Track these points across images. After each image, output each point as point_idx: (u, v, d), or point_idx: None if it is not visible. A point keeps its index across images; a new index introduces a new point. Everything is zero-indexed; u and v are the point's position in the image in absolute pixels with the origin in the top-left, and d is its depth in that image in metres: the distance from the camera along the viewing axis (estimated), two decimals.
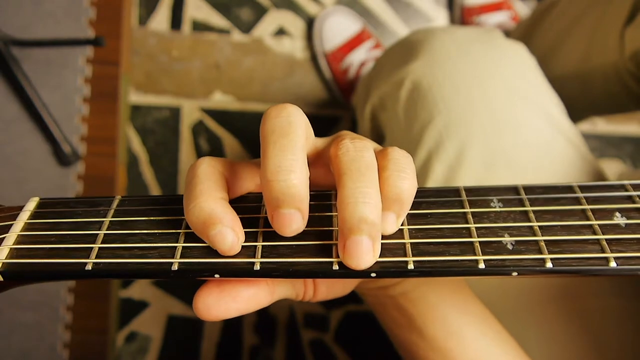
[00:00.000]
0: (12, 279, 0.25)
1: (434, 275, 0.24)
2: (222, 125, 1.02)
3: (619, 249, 0.23)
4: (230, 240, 0.23)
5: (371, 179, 0.23)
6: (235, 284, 0.25)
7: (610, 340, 0.42)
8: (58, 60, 0.95)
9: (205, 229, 0.23)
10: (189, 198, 0.24)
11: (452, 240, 0.24)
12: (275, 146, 0.22)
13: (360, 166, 0.23)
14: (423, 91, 0.50)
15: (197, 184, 0.24)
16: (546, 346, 0.42)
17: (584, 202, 0.25)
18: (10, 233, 0.26)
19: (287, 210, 0.23)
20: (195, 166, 0.25)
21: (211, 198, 0.23)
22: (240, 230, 0.24)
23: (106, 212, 0.26)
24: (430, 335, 0.32)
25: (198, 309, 0.24)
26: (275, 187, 0.22)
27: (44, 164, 0.94)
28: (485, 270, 0.23)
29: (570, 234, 0.24)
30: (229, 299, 0.24)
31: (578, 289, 0.43)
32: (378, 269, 0.23)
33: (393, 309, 0.32)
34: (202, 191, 0.23)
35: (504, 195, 0.26)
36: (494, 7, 0.98)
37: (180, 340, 0.98)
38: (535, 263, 0.23)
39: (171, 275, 0.24)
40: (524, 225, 0.24)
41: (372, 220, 0.22)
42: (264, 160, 0.22)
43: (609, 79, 0.58)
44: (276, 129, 0.23)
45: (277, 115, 0.23)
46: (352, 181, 0.22)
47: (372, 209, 0.22)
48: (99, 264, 0.24)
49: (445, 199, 0.26)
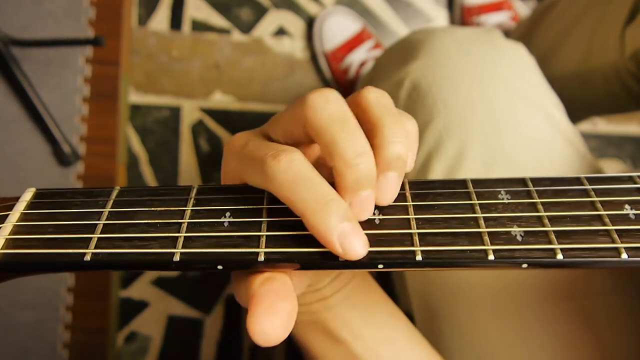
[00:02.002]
0: (8, 270, 0.24)
1: (443, 267, 0.23)
2: (222, 125, 1.02)
3: (630, 241, 0.23)
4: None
5: (404, 126, 0.25)
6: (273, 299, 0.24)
7: (614, 339, 0.42)
8: (58, 60, 0.95)
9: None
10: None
11: (460, 231, 0.24)
12: (343, 132, 0.23)
13: (395, 112, 0.25)
14: (423, 91, 0.50)
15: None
16: (549, 345, 0.42)
17: (593, 193, 0.25)
18: (6, 223, 0.25)
19: (367, 192, 0.23)
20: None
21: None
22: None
23: (105, 203, 0.26)
24: (370, 341, 0.32)
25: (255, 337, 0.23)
26: (357, 171, 0.23)
27: (44, 164, 0.94)
28: (495, 262, 0.23)
29: (580, 225, 0.23)
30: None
31: (581, 288, 0.43)
32: (385, 260, 0.23)
33: (332, 320, 0.32)
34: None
35: (512, 187, 0.25)
36: (494, 7, 0.98)
37: (180, 340, 0.98)
38: (546, 254, 0.22)
39: (173, 267, 0.23)
40: (532, 216, 0.24)
41: (405, 159, 0.24)
42: (338, 148, 0.23)
43: (609, 79, 0.58)
44: (334, 115, 0.23)
45: (326, 101, 0.24)
46: (392, 122, 0.24)
47: (406, 149, 0.24)
48: (98, 255, 0.23)
49: (452, 190, 0.26)
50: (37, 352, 0.92)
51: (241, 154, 0.26)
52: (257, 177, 0.24)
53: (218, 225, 0.24)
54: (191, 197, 0.26)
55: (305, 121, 0.24)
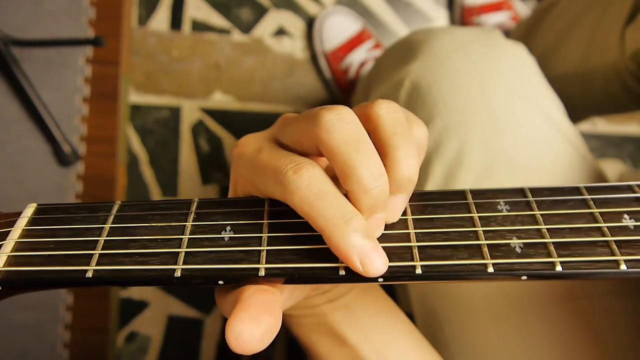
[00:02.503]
0: (10, 287, 0.24)
1: (443, 280, 0.23)
2: (222, 125, 1.02)
3: (629, 252, 0.23)
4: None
5: (414, 142, 0.24)
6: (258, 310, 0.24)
7: (613, 341, 0.42)
8: (58, 60, 0.95)
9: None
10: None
11: (459, 244, 0.24)
12: (359, 155, 0.23)
13: (406, 129, 0.24)
14: (422, 91, 0.50)
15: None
16: (549, 347, 0.42)
17: (592, 204, 0.25)
18: (8, 240, 0.25)
19: (380, 214, 0.24)
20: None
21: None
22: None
23: (106, 218, 0.26)
24: (377, 343, 0.32)
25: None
26: (373, 195, 0.23)
27: (44, 164, 0.94)
28: (494, 275, 0.23)
29: (579, 236, 0.23)
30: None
31: (580, 290, 0.43)
32: (386, 275, 0.23)
33: (339, 322, 0.32)
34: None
35: (511, 198, 0.25)
36: (494, 7, 0.98)
37: (180, 340, 0.98)
38: (545, 266, 0.23)
39: (174, 282, 0.23)
40: (532, 228, 0.24)
41: (415, 180, 0.24)
42: (355, 172, 0.23)
43: (609, 79, 0.58)
44: (349, 137, 0.23)
45: (340, 121, 0.23)
46: (405, 143, 0.24)
47: (417, 170, 0.24)
48: (99, 271, 0.23)
49: (451, 202, 0.26)
50: (37, 352, 0.92)
51: (254, 161, 0.25)
52: (275, 188, 0.24)
53: (219, 240, 0.24)
54: (191, 211, 0.26)
55: (318, 141, 0.23)
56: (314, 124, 0.23)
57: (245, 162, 0.26)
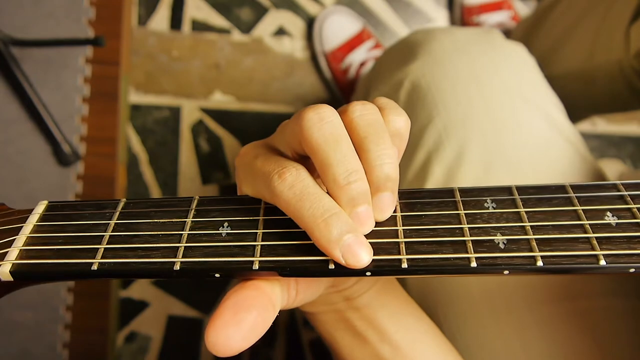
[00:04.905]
0: (22, 279, 0.26)
1: (428, 274, 0.24)
2: (222, 125, 1.02)
3: (609, 248, 0.23)
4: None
5: (389, 140, 0.25)
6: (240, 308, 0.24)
7: (612, 340, 0.42)
8: (58, 60, 0.95)
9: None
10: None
11: (444, 239, 0.24)
12: (335, 153, 0.24)
13: (378, 129, 0.25)
14: (422, 92, 0.50)
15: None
16: (547, 346, 0.42)
17: (576, 202, 0.26)
18: (20, 235, 0.27)
19: (363, 207, 0.24)
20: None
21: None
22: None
23: (112, 215, 0.27)
24: (397, 342, 0.32)
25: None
26: (348, 190, 0.24)
27: (44, 164, 0.94)
28: (478, 269, 0.23)
29: (562, 232, 0.24)
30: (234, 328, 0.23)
31: (579, 289, 0.43)
32: (373, 268, 0.24)
33: (358, 320, 0.32)
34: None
35: (498, 196, 0.26)
36: (494, 7, 0.98)
37: (180, 340, 0.98)
38: (527, 261, 0.23)
39: (174, 275, 0.25)
40: (516, 225, 0.25)
41: (395, 177, 0.25)
42: (330, 168, 0.24)
43: (613, 77, 0.58)
44: (327, 136, 0.24)
45: (320, 120, 0.24)
46: (376, 144, 0.24)
47: (394, 167, 0.25)
48: (104, 264, 0.25)
49: (440, 199, 0.27)
50: (37, 352, 0.92)
51: (251, 167, 0.27)
52: (265, 192, 0.26)
53: (216, 236, 0.26)
54: (192, 208, 0.28)
55: (301, 140, 0.25)
56: (296, 123, 0.25)
57: (244, 169, 0.28)
